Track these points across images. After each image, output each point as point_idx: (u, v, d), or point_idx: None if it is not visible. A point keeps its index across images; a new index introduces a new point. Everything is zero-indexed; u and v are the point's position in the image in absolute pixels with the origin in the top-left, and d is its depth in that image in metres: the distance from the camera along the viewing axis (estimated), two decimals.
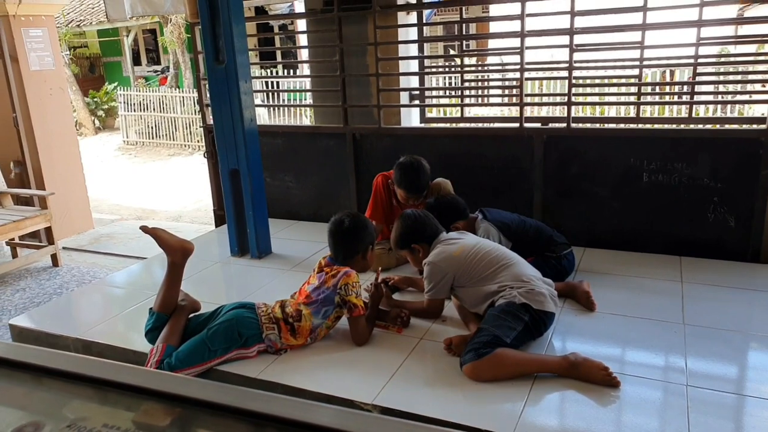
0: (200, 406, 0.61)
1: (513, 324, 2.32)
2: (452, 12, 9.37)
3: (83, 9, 15.84)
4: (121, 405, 0.63)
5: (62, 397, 0.67)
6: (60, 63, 6.13)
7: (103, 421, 0.60)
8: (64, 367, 0.67)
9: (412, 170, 3.23)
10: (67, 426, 0.63)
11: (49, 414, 0.67)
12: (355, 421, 0.55)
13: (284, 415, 0.57)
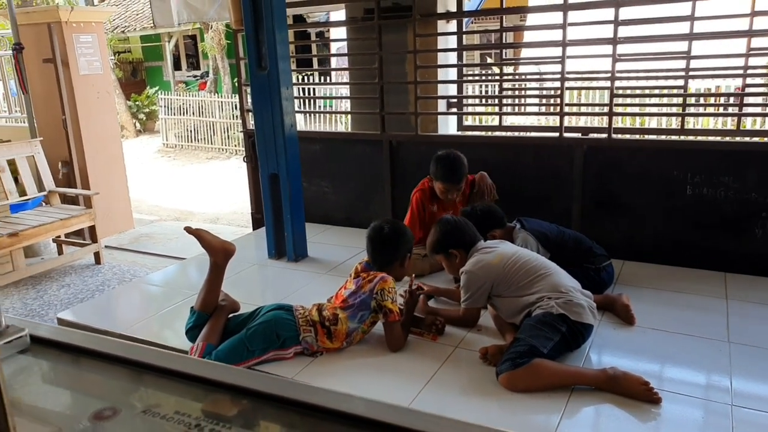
0: (265, 399, 0.64)
1: (550, 334, 2.30)
2: (489, 21, 9.36)
3: (128, 15, 16.36)
4: (190, 395, 0.66)
5: (136, 386, 0.70)
6: (107, 67, 6.34)
7: (174, 409, 0.63)
8: (138, 358, 0.70)
9: (449, 161, 3.31)
10: (142, 412, 0.66)
11: (124, 400, 0.70)
12: (425, 422, 0.57)
13: (349, 411, 0.59)
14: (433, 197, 3.47)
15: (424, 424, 0.57)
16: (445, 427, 0.57)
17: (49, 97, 5.80)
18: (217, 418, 0.62)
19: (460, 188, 3.33)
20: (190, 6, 5.61)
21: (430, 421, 0.58)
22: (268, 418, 0.64)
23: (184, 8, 5.54)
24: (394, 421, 0.58)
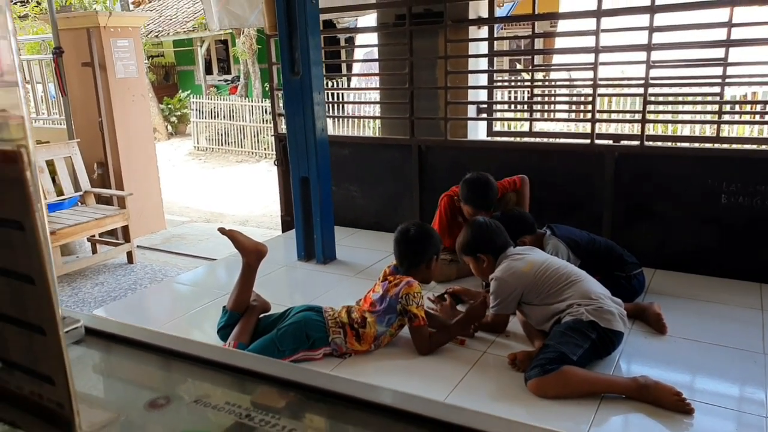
0: (311, 391, 0.66)
1: (580, 341, 2.29)
2: (519, 26, 9.32)
3: (162, 20, 16.71)
4: (238, 388, 0.69)
5: (185, 377, 0.74)
6: (142, 71, 6.49)
7: (224, 400, 0.66)
8: (187, 350, 0.73)
9: (480, 187, 3.24)
10: (194, 401, 0.69)
11: (176, 390, 0.74)
12: (469, 418, 0.58)
13: (395, 405, 0.61)
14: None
15: (467, 419, 0.59)
16: (494, 424, 0.59)
17: (87, 99, 5.97)
18: (266, 409, 0.64)
19: (489, 214, 3.27)
20: (230, 12, 5.71)
21: (474, 417, 0.60)
22: (314, 411, 0.66)
23: (225, 15, 5.64)
24: (437, 416, 0.59)
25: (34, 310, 0.59)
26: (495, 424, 0.58)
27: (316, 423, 0.66)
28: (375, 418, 0.63)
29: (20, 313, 0.60)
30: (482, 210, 3.22)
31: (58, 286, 4.82)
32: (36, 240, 0.55)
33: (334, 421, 0.66)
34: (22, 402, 0.65)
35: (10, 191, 0.56)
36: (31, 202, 0.55)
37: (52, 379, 0.60)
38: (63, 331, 0.57)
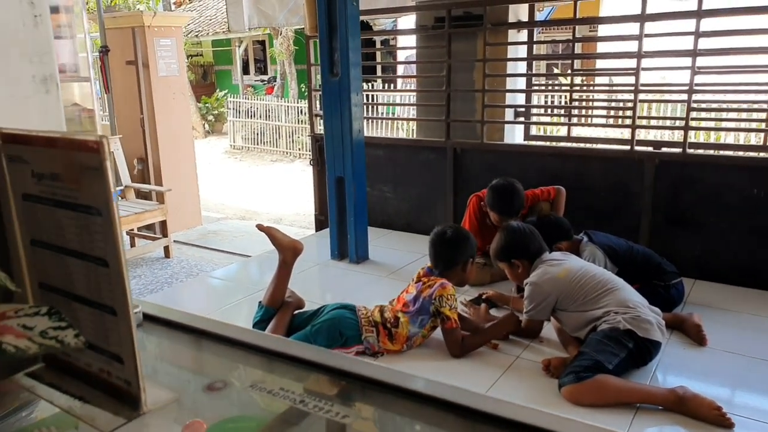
0: (362, 381, 0.68)
1: (616, 350, 2.26)
2: (557, 31, 9.21)
3: (201, 20, 17.04)
4: (291, 375, 0.71)
5: (238, 364, 0.76)
6: (183, 70, 6.64)
7: (279, 385, 0.68)
8: (240, 338, 0.76)
9: (506, 194, 3.21)
10: (249, 386, 0.72)
11: (232, 375, 0.76)
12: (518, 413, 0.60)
13: (443, 397, 0.62)
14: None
15: (516, 413, 0.60)
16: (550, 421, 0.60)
17: (129, 97, 6.13)
18: (319, 396, 0.66)
19: (515, 220, 3.25)
20: (261, 11, 5.81)
21: (522, 412, 0.60)
22: (364, 399, 0.68)
23: (255, 13, 5.75)
24: (486, 409, 0.61)
25: (107, 292, 0.62)
26: (552, 422, 0.59)
27: (367, 411, 0.68)
28: (424, 409, 0.65)
29: (93, 295, 0.64)
30: (507, 217, 3.19)
31: None
32: (112, 225, 0.59)
33: (383, 410, 0.68)
34: (91, 378, 0.68)
35: (90, 179, 0.59)
36: (109, 190, 0.58)
37: (121, 357, 0.63)
38: (133, 312, 0.61)
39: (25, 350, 0.48)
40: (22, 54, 0.69)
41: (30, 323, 0.50)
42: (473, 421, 0.63)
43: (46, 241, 0.68)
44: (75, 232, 0.63)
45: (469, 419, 0.64)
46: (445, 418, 0.67)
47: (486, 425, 0.61)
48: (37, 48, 0.69)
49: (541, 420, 0.59)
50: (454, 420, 0.65)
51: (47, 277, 0.69)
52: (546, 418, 0.60)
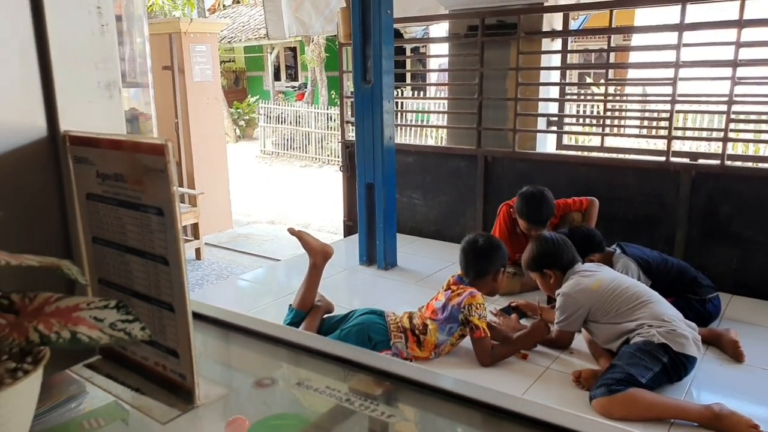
0: (405, 382, 0.69)
1: (649, 364, 2.22)
2: (589, 40, 9.12)
3: (235, 27, 17.34)
4: (337, 375, 0.73)
5: (289, 362, 0.78)
6: (217, 76, 6.77)
7: (325, 384, 0.70)
8: (288, 337, 0.78)
9: (535, 201, 3.19)
10: (297, 384, 0.74)
11: (279, 373, 0.79)
12: (561, 418, 0.60)
13: (489, 401, 0.63)
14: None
15: (557, 417, 0.61)
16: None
17: (165, 101, 6.27)
18: (364, 395, 0.68)
19: (545, 229, 3.23)
20: (299, 20, 5.90)
21: (568, 418, 0.61)
22: (408, 401, 0.69)
23: (293, 22, 5.84)
24: (522, 411, 0.62)
25: (166, 289, 0.65)
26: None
27: (411, 412, 0.69)
28: (469, 412, 0.66)
29: (152, 291, 0.67)
30: (536, 225, 3.17)
31: None
32: (174, 225, 0.61)
33: (426, 412, 0.69)
34: (146, 371, 0.71)
35: (154, 180, 0.62)
36: (172, 191, 0.60)
37: (177, 352, 0.66)
38: (190, 309, 0.63)
39: (97, 340, 0.51)
40: (88, 61, 0.72)
41: (100, 315, 0.53)
42: (519, 426, 0.64)
43: (107, 238, 0.71)
44: (136, 231, 0.66)
45: (515, 424, 0.65)
46: (488, 422, 0.67)
47: (531, 430, 0.62)
48: (102, 55, 0.73)
49: (589, 427, 0.60)
50: (498, 425, 0.66)
51: (107, 274, 0.73)
52: (597, 427, 0.60)
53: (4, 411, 0.52)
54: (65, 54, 0.72)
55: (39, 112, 0.72)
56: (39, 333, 0.51)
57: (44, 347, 0.57)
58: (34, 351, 0.57)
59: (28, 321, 0.52)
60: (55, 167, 0.75)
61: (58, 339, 0.50)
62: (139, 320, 0.54)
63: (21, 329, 0.51)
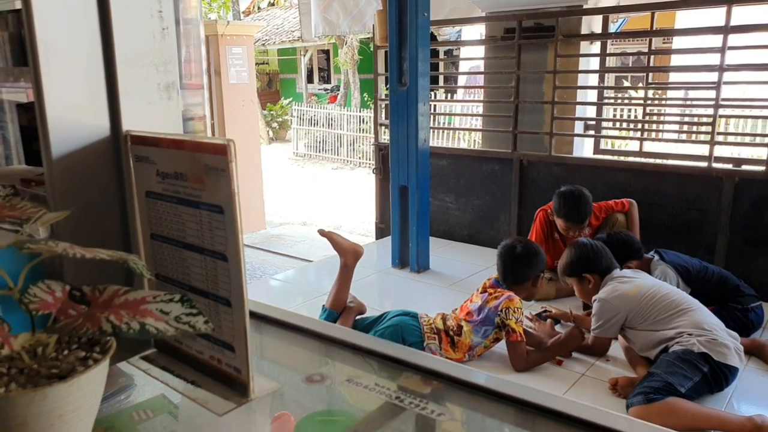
0: (452, 382, 0.70)
1: (689, 373, 2.17)
2: (627, 43, 8.96)
3: (269, 29, 17.57)
4: (385, 373, 0.74)
5: (338, 360, 0.80)
6: (253, 78, 6.86)
7: (374, 381, 0.71)
8: (337, 335, 0.79)
9: (573, 200, 3.17)
10: (346, 380, 0.75)
11: (329, 369, 0.80)
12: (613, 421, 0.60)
13: (536, 402, 0.63)
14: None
15: (606, 420, 0.61)
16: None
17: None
18: (413, 393, 0.69)
19: (583, 228, 3.20)
20: (326, 20, 5.93)
21: (617, 421, 0.61)
22: (456, 400, 0.70)
23: (321, 21, 5.88)
24: (571, 413, 0.62)
25: (224, 284, 0.67)
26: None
27: (460, 411, 0.70)
28: (516, 412, 0.66)
29: (210, 286, 0.69)
30: (575, 224, 3.14)
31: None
32: (234, 222, 0.63)
33: (474, 411, 0.70)
34: (201, 365, 0.73)
35: (214, 179, 0.64)
36: (233, 190, 0.62)
37: (233, 346, 0.68)
38: (248, 305, 0.65)
39: (164, 332, 0.53)
40: (149, 63, 0.75)
41: (166, 308, 0.55)
42: (566, 427, 0.64)
43: (166, 235, 0.74)
44: (195, 228, 0.68)
45: (562, 425, 0.65)
46: (536, 423, 0.68)
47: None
48: (162, 58, 0.76)
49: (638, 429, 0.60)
50: (545, 425, 0.66)
51: (164, 269, 0.75)
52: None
53: (77, 397, 0.54)
54: (128, 57, 0.75)
55: (103, 112, 0.75)
56: (111, 323, 0.53)
57: (111, 338, 0.60)
58: (102, 341, 0.60)
59: (99, 312, 0.55)
60: (117, 166, 0.78)
61: (128, 330, 0.53)
62: (202, 314, 0.56)
63: (94, 320, 0.54)
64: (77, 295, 0.58)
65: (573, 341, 2.58)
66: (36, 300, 0.58)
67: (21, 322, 0.57)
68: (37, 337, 0.56)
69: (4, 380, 0.54)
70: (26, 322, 0.57)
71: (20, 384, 0.53)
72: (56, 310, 0.58)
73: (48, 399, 0.52)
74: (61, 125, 0.71)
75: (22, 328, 0.57)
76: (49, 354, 0.57)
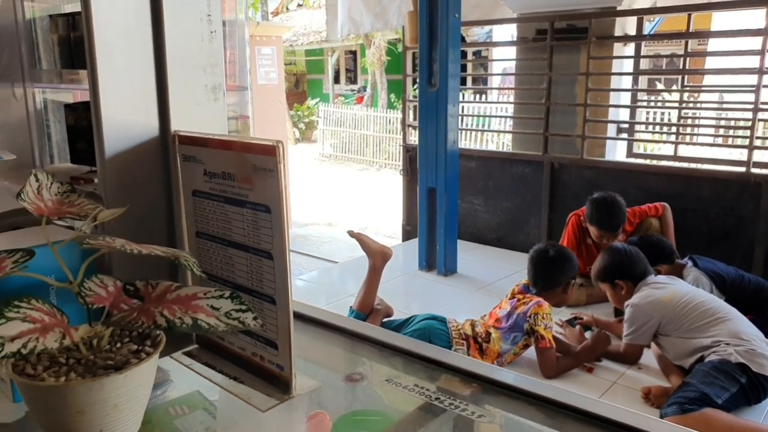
0: (491, 384, 0.70)
1: (726, 384, 2.12)
2: (661, 44, 8.79)
3: (297, 30, 17.72)
4: (424, 374, 0.74)
5: (377, 360, 0.80)
6: (281, 79, 6.92)
7: (413, 382, 0.72)
8: (377, 336, 0.80)
9: (606, 207, 3.12)
10: (385, 380, 0.76)
11: (369, 370, 0.81)
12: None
13: (577, 405, 0.63)
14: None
15: (656, 428, 0.60)
16: None
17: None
18: (453, 395, 0.69)
19: (616, 236, 3.14)
20: (351, 19, 5.94)
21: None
22: (494, 402, 0.70)
23: (347, 20, 5.89)
24: (608, 415, 0.61)
25: (269, 282, 0.68)
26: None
27: (499, 412, 0.70)
28: (557, 416, 0.66)
29: (254, 284, 0.70)
30: (608, 232, 3.09)
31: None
32: (281, 221, 0.64)
33: (513, 414, 0.70)
34: (243, 361, 0.74)
35: (262, 179, 0.65)
36: (281, 189, 0.63)
37: (276, 343, 0.69)
38: (292, 303, 0.66)
39: (215, 327, 0.54)
40: (197, 65, 0.77)
41: (216, 304, 0.56)
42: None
43: (211, 233, 0.75)
44: (241, 227, 0.70)
45: (602, 430, 0.65)
46: (576, 427, 0.67)
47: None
48: (210, 60, 0.77)
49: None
50: (585, 430, 0.66)
51: (209, 266, 0.77)
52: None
53: (130, 388, 0.56)
54: (178, 59, 0.77)
55: (153, 113, 0.77)
56: (165, 318, 0.54)
57: (160, 333, 0.62)
58: (152, 335, 0.62)
59: (153, 306, 0.56)
60: (164, 165, 0.80)
61: (181, 324, 0.54)
62: (251, 310, 0.57)
63: (148, 314, 0.55)
64: (131, 289, 0.60)
65: (600, 344, 2.55)
66: (91, 294, 0.59)
67: (72, 315, 0.59)
68: (95, 329, 0.58)
69: (64, 370, 0.55)
70: (77, 315, 0.59)
71: (79, 374, 0.55)
72: (109, 304, 0.60)
73: (105, 389, 0.53)
74: (115, 125, 0.73)
75: (73, 320, 0.59)
76: (103, 346, 0.59)
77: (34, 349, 0.51)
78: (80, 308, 0.59)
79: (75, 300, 0.59)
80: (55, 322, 0.55)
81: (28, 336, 0.51)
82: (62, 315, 0.56)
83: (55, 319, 0.55)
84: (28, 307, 0.54)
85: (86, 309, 0.59)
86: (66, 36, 1.18)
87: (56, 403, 0.53)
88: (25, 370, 0.56)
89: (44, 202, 0.64)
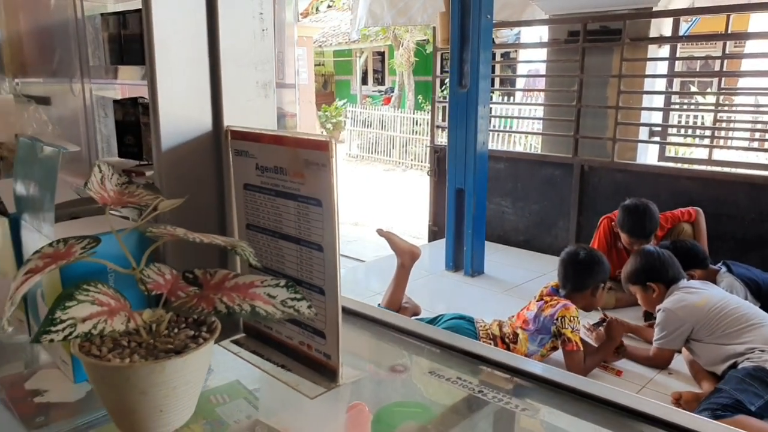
0: (535, 380, 0.71)
1: (760, 391, 2.09)
2: (695, 46, 8.62)
3: (326, 31, 17.84)
4: (466, 368, 0.76)
5: (416, 353, 0.82)
6: (312, 79, 7.01)
7: (456, 375, 0.73)
8: (417, 330, 0.82)
9: (638, 214, 3.09)
10: (428, 372, 0.77)
11: (411, 362, 0.83)
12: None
13: (623, 402, 0.64)
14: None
15: (687, 421, 0.61)
16: None
17: None
18: (495, 389, 0.70)
19: (648, 243, 3.11)
20: (371, 12, 5.95)
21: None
22: (536, 397, 0.71)
23: (365, 13, 5.90)
24: (650, 412, 0.62)
25: (318, 273, 0.70)
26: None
27: (542, 407, 0.71)
28: (598, 411, 0.67)
29: (304, 275, 0.72)
30: (639, 239, 3.06)
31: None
32: (332, 214, 0.66)
33: (556, 409, 0.70)
34: (290, 350, 0.77)
35: (314, 173, 0.67)
36: (333, 183, 0.65)
37: (324, 333, 0.71)
38: (341, 294, 0.68)
39: (273, 315, 0.57)
40: (249, 63, 0.80)
41: (273, 293, 0.59)
42: (648, 426, 0.64)
43: (262, 225, 0.78)
44: (292, 219, 0.72)
45: (646, 423, 0.65)
46: (620, 424, 0.68)
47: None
48: (261, 57, 0.80)
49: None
50: (629, 427, 0.67)
51: (259, 258, 0.79)
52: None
53: (189, 371, 0.58)
54: (231, 56, 0.80)
55: (206, 108, 0.80)
56: (225, 304, 0.57)
57: (216, 319, 0.64)
58: (208, 321, 0.64)
59: (212, 293, 0.59)
60: (217, 159, 0.82)
61: (240, 311, 0.56)
62: (305, 299, 0.59)
63: (208, 300, 0.58)
64: (190, 277, 0.62)
65: (615, 331, 2.53)
66: (150, 280, 0.62)
67: (130, 301, 0.61)
68: (158, 314, 0.61)
69: (127, 352, 0.58)
70: (133, 301, 0.62)
71: (141, 356, 0.57)
72: (167, 291, 0.63)
73: (166, 371, 0.56)
74: (171, 119, 0.76)
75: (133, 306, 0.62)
76: (162, 331, 0.62)
77: (103, 330, 0.54)
78: (135, 294, 0.62)
79: (131, 287, 0.62)
80: (120, 306, 0.58)
81: (97, 318, 0.54)
82: (125, 299, 0.58)
83: (120, 303, 0.58)
84: (96, 291, 0.57)
85: (146, 295, 0.62)
86: (117, 34, 1.22)
87: (121, 384, 0.56)
88: (91, 351, 0.59)
89: (107, 192, 0.67)
